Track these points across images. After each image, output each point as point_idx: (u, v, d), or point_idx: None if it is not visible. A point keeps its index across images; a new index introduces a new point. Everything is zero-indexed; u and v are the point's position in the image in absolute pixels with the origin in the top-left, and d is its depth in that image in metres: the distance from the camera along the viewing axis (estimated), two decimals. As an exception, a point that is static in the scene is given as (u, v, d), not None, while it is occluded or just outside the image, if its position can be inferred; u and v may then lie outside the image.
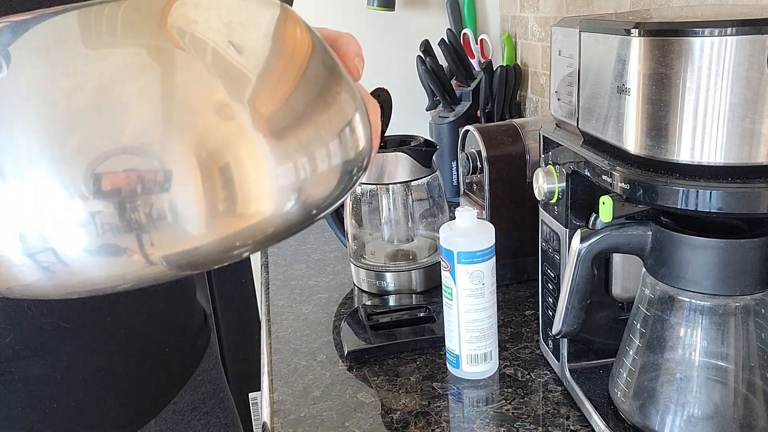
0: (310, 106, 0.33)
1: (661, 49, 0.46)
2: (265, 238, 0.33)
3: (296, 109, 0.32)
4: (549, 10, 1.23)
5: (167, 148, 0.28)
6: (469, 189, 1.03)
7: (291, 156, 0.31)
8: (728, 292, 0.52)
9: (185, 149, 0.28)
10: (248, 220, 0.31)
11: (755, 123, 0.44)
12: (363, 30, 1.45)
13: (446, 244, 0.70)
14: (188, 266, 0.32)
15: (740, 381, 0.55)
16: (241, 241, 0.32)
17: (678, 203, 0.47)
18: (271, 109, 0.31)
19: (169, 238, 0.29)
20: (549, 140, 0.66)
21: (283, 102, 0.32)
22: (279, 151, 0.31)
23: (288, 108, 0.32)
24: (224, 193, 0.30)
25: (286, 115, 0.31)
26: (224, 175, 0.29)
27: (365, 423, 0.67)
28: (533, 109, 1.38)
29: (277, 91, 0.32)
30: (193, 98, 0.29)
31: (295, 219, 0.33)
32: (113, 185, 0.28)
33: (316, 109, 0.33)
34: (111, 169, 0.28)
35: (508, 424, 0.66)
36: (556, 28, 0.63)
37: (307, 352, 0.82)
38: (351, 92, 0.36)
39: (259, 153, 0.30)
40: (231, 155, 0.30)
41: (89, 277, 0.30)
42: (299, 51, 0.34)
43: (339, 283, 1.01)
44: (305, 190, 0.32)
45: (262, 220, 0.31)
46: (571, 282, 0.58)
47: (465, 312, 0.71)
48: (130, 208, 0.28)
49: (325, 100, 0.34)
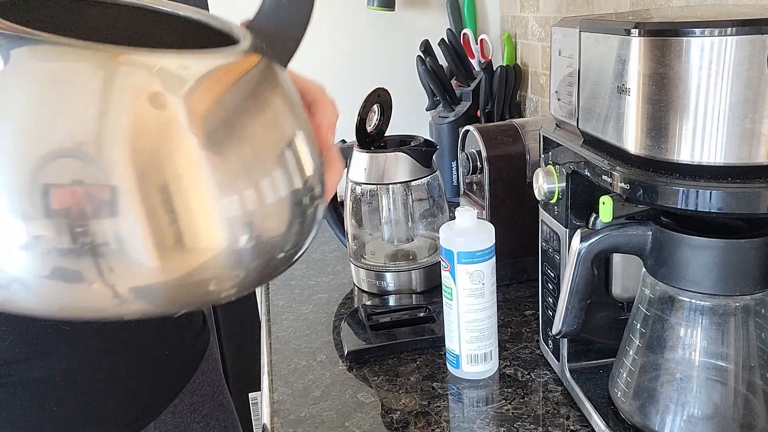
0: (251, 123, 0.32)
1: (661, 49, 0.46)
2: (235, 277, 0.32)
3: (234, 122, 0.31)
4: (549, 10, 1.23)
5: (104, 154, 0.27)
6: (469, 189, 1.03)
7: (234, 183, 0.31)
8: (728, 292, 0.52)
9: (123, 155, 0.28)
10: (201, 253, 0.30)
11: (755, 123, 0.44)
12: (363, 30, 1.45)
13: (446, 244, 0.70)
14: (172, 303, 0.32)
15: (740, 381, 0.55)
16: (209, 277, 0.31)
17: (678, 203, 0.47)
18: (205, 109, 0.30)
19: (123, 267, 0.29)
20: (549, 140, 0.66)
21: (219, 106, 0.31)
22: (220, 175, 0.30)
23: (224, 114, 0.31)
24: (167, 217, 0.29)
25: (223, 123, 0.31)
26: (164, 196, 0.29)
27: (365, 423, 0.67)
28: (533, 109, 1.38)
29: (213, 95, 0.31)
30: (129, 100, 0.28)
31: (254, 258, 0.33)
32: (57, 202, 0.27)
33: (256, 126, 0.32)
34: (55, 180, 0.27)
35: (508, 424, 0.66)
36: (556, 28, 0.63)
37: (307, 352, 0.82)
38: (294, 116, 0.36)
39: (199, 172, 0.29)
40: (170, 173, 0.29)
41: (61, 303, 0.30)
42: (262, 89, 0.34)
43: (339, 283, 1.01)
44: (255, 224, 0.32)
45: (216, 254, 0.31)
46: (571, 282, 0.58)
47: (465, 312, 0.71)
48: (73, 227, 0.28)
49: (268, 121, 0.33)
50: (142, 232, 0.28)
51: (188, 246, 0.30)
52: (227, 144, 0.30)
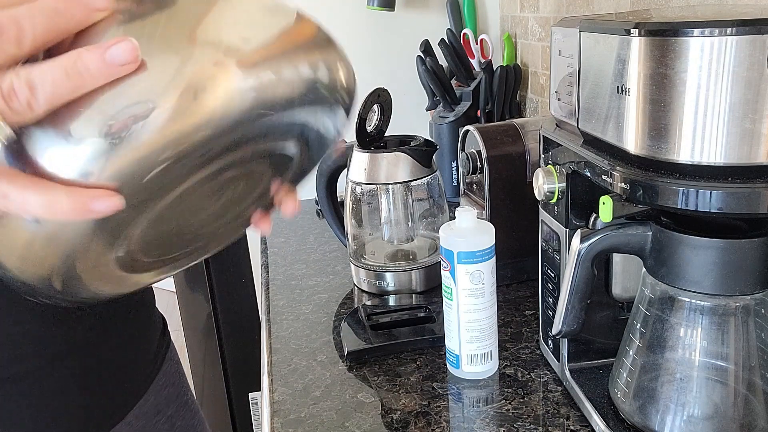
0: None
1: (661, 49, 0.46)
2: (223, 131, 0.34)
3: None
4: (549, 10, 1.23)
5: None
6: (469, 189, 1.03)
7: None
8: (728, 292, 0.52)
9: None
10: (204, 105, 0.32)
11: (755, 123, 0.44)
12: (363, 30, 1.45)
13: (446, 244, 0.70)
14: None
15: (740, 381, 0.55)
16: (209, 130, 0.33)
17: (678, 203, 0.47)
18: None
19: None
20: (549, 140, 0.66)
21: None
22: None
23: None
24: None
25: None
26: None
27: (365, 423, 0.67)
28: (533, 109, 1.38)
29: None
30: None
31: (248, 106, 0.34)
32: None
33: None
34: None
35: (508, 424, 0.66)
36: (556, 28, 0.63)
37: (307, 352, 0.82)
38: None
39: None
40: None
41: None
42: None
43: (339, 283, 1.01)
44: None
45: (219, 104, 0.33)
46: (571, 282, 0.58)
47: (465, 312, 0.71)
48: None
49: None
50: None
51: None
52: None
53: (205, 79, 0.32)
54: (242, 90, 0.33)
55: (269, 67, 0.35)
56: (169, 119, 0.31)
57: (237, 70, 0.33)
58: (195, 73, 0.32)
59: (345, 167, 1.00)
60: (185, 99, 0.32)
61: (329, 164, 1.02)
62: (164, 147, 0.32)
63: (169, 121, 0.31)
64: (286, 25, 0.37)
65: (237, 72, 0.33)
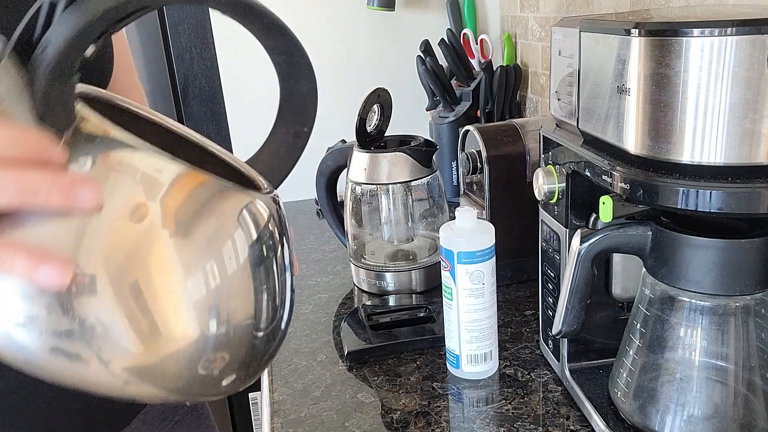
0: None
1: (661, 49, 0.46)
2: (221, 359, 0.34)
3: (197, 202, 0.33)
4: (549, 10, 1.23)
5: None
6: (469, 189, 1.03)
7: (197, 262, 0.33)
8: (728, 292, 0.52)
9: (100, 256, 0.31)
10: (177, 340, 0.33)
11: (755, 123, 0.44)
12: (363, 30, 1.45)
13: (446, 244, 0.70)
14: (172, 387, 0.34)
15: (740, 381, 0.55)
16: (194, 361, 0.34)
17: (678, 203, 0.47)
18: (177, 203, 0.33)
19: (110, 350, 0.32)
20: (549, 140, 0.66)
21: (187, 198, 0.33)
22: (185, 254, 0.32)
23: (191, 203, 0.33)
24: (139, 307, 0.32)
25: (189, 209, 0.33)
26: (135, 289, 0.31)
27: (365, 423, 0.67)
28: (533, 109, 1.38)
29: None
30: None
31: (239, 336, 0.35)
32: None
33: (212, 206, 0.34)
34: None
35: (508, 424, 0.66)
36: (556, 28, 0.63)
37: (307, 352, 0.82)
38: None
39: (167, 257, 0.32)
40: (141, 267, 0.32)
41: (71, 379, 0.33)
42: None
43: (339, 283, 1.01)
44: (221, 304, 0.34)
45: (191, 338, 0.33)
46: (571, 282, 0.58)
47: (465, 312, 0.71)
48: (64, 311, 0.31)
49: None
50: (120, 320, 0.31)
51: (163, 333, 0.32)
52: (191, 229, 0.33)
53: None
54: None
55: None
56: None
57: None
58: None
59: (345, 167, 1.00)
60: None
61: (329, 164, 1.02)
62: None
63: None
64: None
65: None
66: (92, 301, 0.31)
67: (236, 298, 0.35)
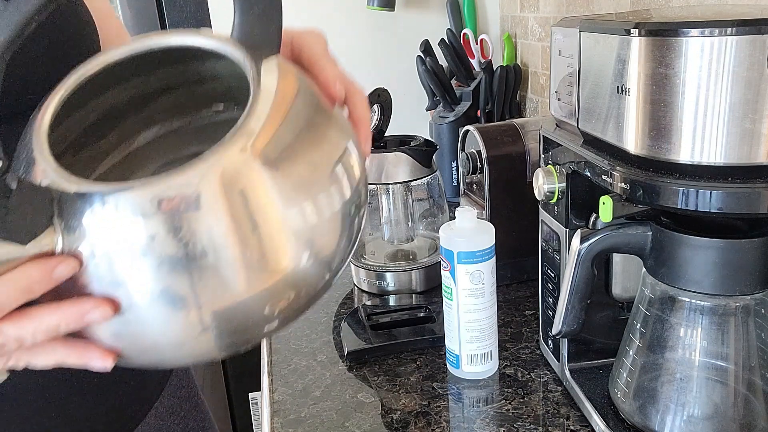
0: (300, 141, 0.37)
1: (661, 49, 0.46)
2: (292, 302, 0.37)
3: (287, 142, 0.36)
4: (549, 10, 1.23)
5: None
6: (469, 189, 1.03)
7: (293, 196, 0.35)
8: (728, 292, 0.52)
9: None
10: (276, 272, 0.35)
11: (755, 123, 0.44)
12: (363, 30, 1.45)
13: (446, 244, 0.70)
14: (234, 332, 0.36)
15: (740, 381, 0.55)
16: (273, 301, 0.36)
17: (678, 203, 0.47)
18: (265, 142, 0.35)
19: (216, 282, 0.34)
20: (549, 140, 0.66)
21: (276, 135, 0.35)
22: (280, 186, 0.35)
23: (280, 141, 0.35)
24: (252, 232, 0.34)
25: (279, 147, 0.35)
26: (250, 219, 0.34)
27: (365, 423, 0.67)
28: (533, 109, 1.38)
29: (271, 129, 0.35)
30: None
31: (313, 276, 0.37)
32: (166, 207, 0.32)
33: (307, 145, 0.37)
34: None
35: (508, 424, 0.66)
36: (556, 28, 0.63)
37: (307, 352, 0.82)
38: (346, 133, 0.40)
39: (264, 185, 0.34)
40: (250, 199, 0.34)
41: (161, 333, 0.35)
42: (299, 103, 0.38)
43: (339, 283, 1.01)
44: (316, 239, 0.36)
45: (289, 271, 0.35)
46: (571, 282, 0.58)
47: (465, 312, 0.71)
48: (176, 229, 0.32)
49: (321, 144, 0.38)
50: (234, 245, 0.33)
51: (270, 262, 0.35)
52: (285, 163, 0.35)
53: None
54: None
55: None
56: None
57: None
58: None
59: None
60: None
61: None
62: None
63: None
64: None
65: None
66: (208, 224, 0.33)
67: (330, 234, 0.37)
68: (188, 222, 0.32)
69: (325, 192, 0.37)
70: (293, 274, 0.36)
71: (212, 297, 0.34)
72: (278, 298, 0.36)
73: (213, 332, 0.35)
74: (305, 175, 0.36)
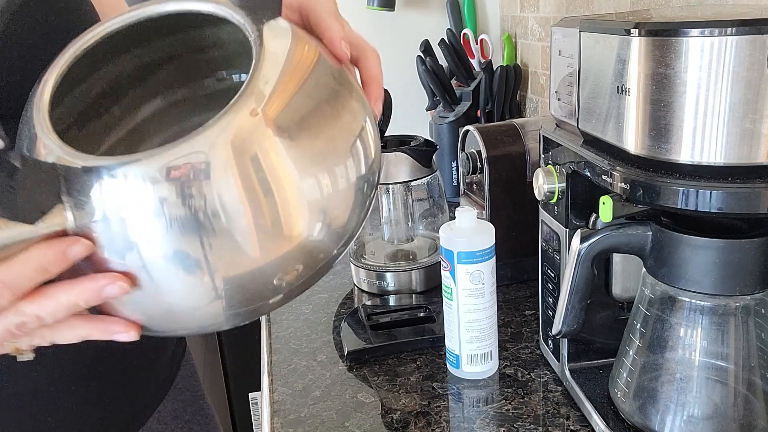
0: (311, 104, 0.36)
1: (661, 49, 0.46)
2: (301, 274, 0.37)
3: (298, 105, 0.35)
4: (549, 10, 1.23)
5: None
6: (469, 189, 1.03)
7: (309, 166, 0.35)
8: (728, 292, 0.52)
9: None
10: (289, 240, 0.35)
11: (755, 123, 0.44)
12: (363, 30, 1.44)
13: (446, 244, 0.70)
14: (243, 301, 0.36)
15: (740, 381, 0.55)
16: (282, 272, 0.36)
17: (678, 203, 0.47)
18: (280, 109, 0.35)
19: (227, 250, 0.34)
20: (549, 140, 0.66)
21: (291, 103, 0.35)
22: (297, 154, 0.34)
23: (296, 110, 0.35)
24: (267, 198, 0.34)
25: (295, 116, 0.35)
26: (265, 184, 0.33)
27: (365, 423, 0.67)
28: (533, 109, 1.38)
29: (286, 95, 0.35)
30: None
31: (325, 246, 0.37)
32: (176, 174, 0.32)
33: (326, 117, 0.37)
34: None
35: (508, 424, 0.66)
36: (556, 28, 0.63)
37: (307, 352, 0.82)
38: (361, 103, 0.41)
39: (283, 161, 0.34)
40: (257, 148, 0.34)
41: (172, 297, 0.35)
42: (305, 64, 0.38)
43: (339, 283, 1.01)
44: (329, 210, 0.36)
45: (301, 241, 0.35)
46: (571, 282, 0.58)
47: (465, 312, 0.71)
48: (188, 194, 0.32)
49: (334, 109, 0.38)
50: (247, 211, 0.33)
51: (284, 228, 0.35)
52: (299, 132, 0.35)
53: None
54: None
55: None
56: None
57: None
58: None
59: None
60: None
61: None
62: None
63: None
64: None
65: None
66: (219, 191, 0.32)
67: (343, 206, 0.37)
68: (199, 189, 0.32)
69: (341, 162, 0.36)
70: (304, 244, 0.36)
71: (225, 262, 0.34)
72: (287, 268, 0.36)
73: (224, 300, 0.35)
74: (319, 143, 0.35)
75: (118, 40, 0.41)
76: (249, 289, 0.36)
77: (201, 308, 0.36)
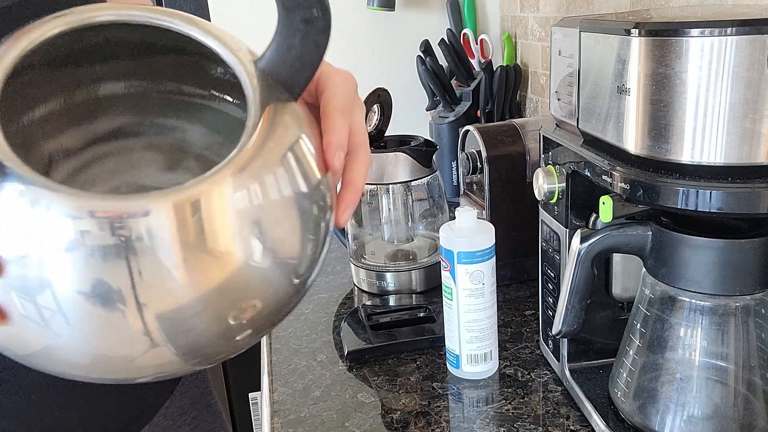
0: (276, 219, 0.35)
1: (661, 49, 0.46)
2: (252, 308, 0.34)
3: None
4: (549, 10, 1.23)
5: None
6: (469, 189, 1.03)
7: (243, 185, 0.32)
8: (728, 292, 0.52)
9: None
10: (223, 264, 0.32)
11: (755, 123, 0.44)
12: (363, 30, 1.45)
13: (446, 244, 0.70)
14: (191, 350, 0.33)
15: (740, 381, 0.55)
16: (236, 309, 0.33)
17: (678, 203, 0.47)
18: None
19: (156, 285, 0.30)
20: (549, 140, 0.66)
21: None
22: (235, 183, 0.32)
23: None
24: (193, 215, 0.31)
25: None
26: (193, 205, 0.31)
27: (365, 423, 0.67)
28: (533, 109, 1.38)
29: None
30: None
31: (275, 279, 0.34)
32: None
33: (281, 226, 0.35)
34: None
35: (508, 424, 0.66)
36: (556, 28, 0.63)
37: (307, 352, 0.82)
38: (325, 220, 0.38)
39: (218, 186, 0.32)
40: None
41: (97, 340, 0.31)
42: (287, 165, 0.35)
43: (339, 283, 1.01)
44: (264, 226, 0.33)
45: (236, 267, 0.32)
46: (571, 282, 0.58)
47: (465, 312, 0.71)
48: (114, 228, 0.29)
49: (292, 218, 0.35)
50: (170, 230, 0.30)
51: (210, 246, 0.31)
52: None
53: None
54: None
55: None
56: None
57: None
58: None
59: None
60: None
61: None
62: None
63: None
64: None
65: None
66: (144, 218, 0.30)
67: (281, 227, 0.34)
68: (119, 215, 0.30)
69: (272, 173, 0.34)
70: (245, 268, 0.32)
71: (155, 294, 0.30)
72: (239, 304, 0.33)
73: (167, 346, 0.32)
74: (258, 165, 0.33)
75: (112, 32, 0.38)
76: (202, 330, 0.33)
77: (135, 350, 0.32)
